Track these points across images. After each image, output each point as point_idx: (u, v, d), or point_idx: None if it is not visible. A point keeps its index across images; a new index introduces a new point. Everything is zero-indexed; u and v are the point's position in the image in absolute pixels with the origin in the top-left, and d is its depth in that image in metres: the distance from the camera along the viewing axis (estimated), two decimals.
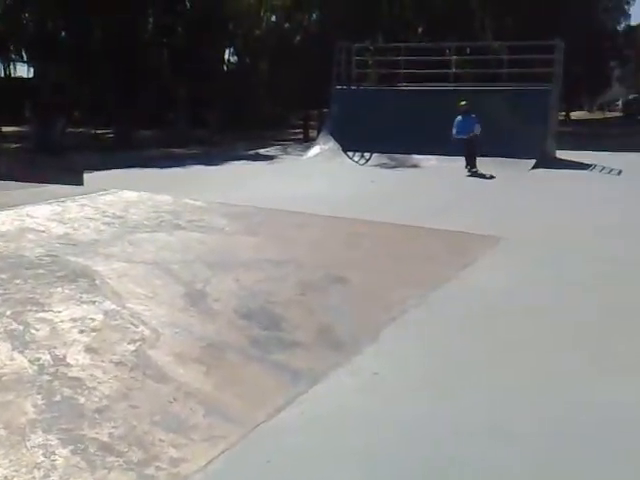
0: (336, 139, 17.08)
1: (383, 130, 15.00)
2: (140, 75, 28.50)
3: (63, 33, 29.84)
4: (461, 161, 13.57)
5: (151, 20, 33.05)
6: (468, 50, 27.45)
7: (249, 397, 2.92)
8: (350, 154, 15.89)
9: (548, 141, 15.15)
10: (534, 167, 13.08)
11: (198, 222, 5.82)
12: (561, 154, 14.88)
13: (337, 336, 3.58)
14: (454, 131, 13.60)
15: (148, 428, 2.59)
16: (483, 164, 12.98)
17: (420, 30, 36.41)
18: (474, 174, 13.05)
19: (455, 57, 19.69)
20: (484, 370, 3.24)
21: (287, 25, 33.16)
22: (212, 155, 19.29)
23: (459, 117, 13.93)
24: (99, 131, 31.98)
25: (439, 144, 14.07)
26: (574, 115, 43.82)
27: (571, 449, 2.58)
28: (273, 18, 32.40)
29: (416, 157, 14.69)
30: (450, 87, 17.22)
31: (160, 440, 2.53)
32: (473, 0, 34.45)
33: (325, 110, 24.64)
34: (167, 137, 28.61)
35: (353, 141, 15.94)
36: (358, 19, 28.84)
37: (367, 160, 15.52)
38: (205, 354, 3.29)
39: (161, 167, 15.33)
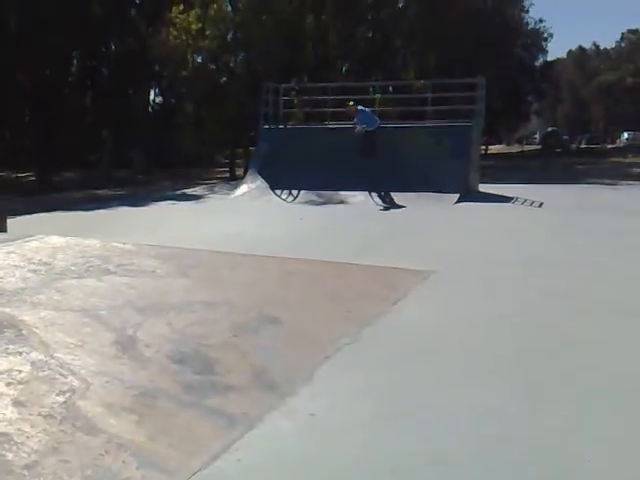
0: (263, 177, 17.19)
1: (310, 167, 15.23)
2: (63, 117, 28.00)
3: None
4: (387, 196, 13.96)
5: (75, 62, 32.71)
6: (391, 88, 28.36)
7: (184, 446, 2.89)
8: (278, 192, 16.01)
9: (471, 175, 15.71)
10: (458, 201, 13.52)
11: (128, 266, 5.75)
12: (483, 187, 15.46)
13: (271, 378, 3.60)
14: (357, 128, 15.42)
15: None
16: (408, 199, 13.33)
17: (344, 69, 37.37)
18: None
19: (379, 95, 20.31)
20: (419, 408, 3.31)
21: (213, 66, 33.42)
22: (138, 196, 19.06)
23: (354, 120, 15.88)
24: (20, 174, 31.08)
25: (364, 180, 14.42)
26: (493, 149, 45.69)
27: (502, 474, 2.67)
28: (199, 59, 32.59)
29: (343, 193, 14.95)
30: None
31: None
32: (396, 39, 35.64)
33: (252, 148, 24.83)
34: (91, 178, 28.09)
35: (280, 179, 16.09)
36: (284, 59, 29.39)
37: (295, 198, 15.67)
38: (137, 403, 3.24)
39: (86, 209, 15.01)
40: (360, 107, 15.85)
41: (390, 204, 13.76)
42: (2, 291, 4.47)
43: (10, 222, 9.30)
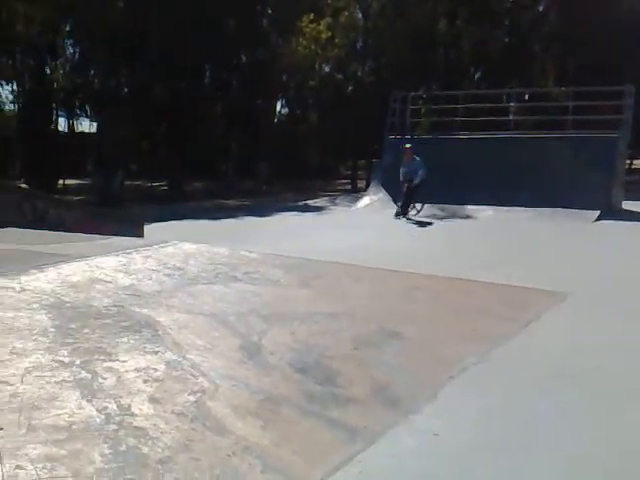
0: (387, 190, 17.25)
1: (435, 180, 15.14)
2: (195, 128, 29.51)
3: (126, 89, 31.31)
4: (518, 212, 13.54)
5: (208, 74, 34.35)
6: (527, 96, 27.47)
7: (306, 454, 2.99)
8: (400, 204, 16.03)
9: (614, 191, 14.88)
10: (599, 218, 12.87)
11: (253, 274, 5.99)
12: (628, 205, 14.59)
13: (394, 393, 3.64)
14: (401, 176, 14.97)
15: None
16: (542, 214, 12.87)
17: (477, 76, 36.66)
18: (402, 217, 13.64)
19: (514, 104, 19.77)
20: (550, 435, 3.23)
21: (340, 76, 33.97)
22: (262, 206, 19.72)
23: (403, 162, 15.29)
24: (154, 183, 33.07)
25: (495, 194, 14.06)
26: (638, 163, 43.09)
27: None
28: (327, 69, 33.25)
29: (470, 207, 14.71)
30: (509, 135, 17.25)
31: None
32: (534, 44, 34.47)
33: (374, 160, 24.95)
34: (218, 188, 29.37)
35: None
36: (413, 67, 29.33)
37: (419, 211, 15.61)
38: (262, 408, 3.39)
39: (214, 218, 15.78)
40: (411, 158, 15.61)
41: (521, 220, 13.35)
42: (141, 293, 4.82)
43: (146, 228, 9.98)
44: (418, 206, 15.66)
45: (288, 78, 35.34)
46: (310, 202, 20.31)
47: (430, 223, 14.12)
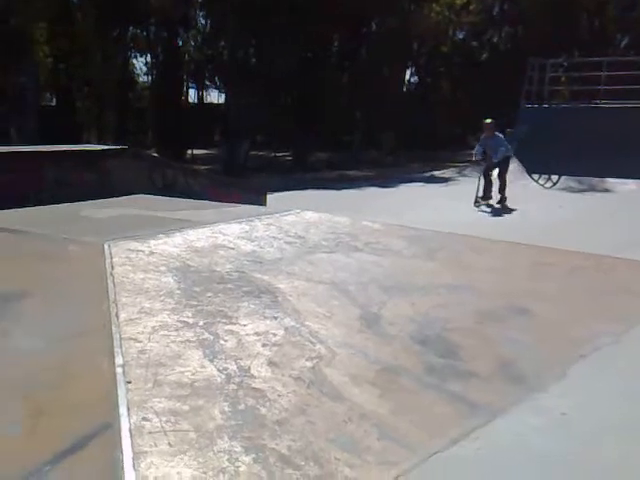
0: (520, 161, 16.64)
1: (574, 151, 14.41)
2: (320, 99, 29.80)
3: (254, 60, 32.09)
4: None
5: (336, 44, 34.50)
6: None
7: (423, 425, 2.98)
8: (535, 177, 15.40)
9: None
10: None
11: (375, 244, 5.99)
12: None
13: (518, 370, 3.54)
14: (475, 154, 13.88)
15: (324, 445, 2.74)
16: None
17: (624, 44, 34.46)
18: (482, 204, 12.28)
19: None
20: None
21: (474, 43, 33.00)
22: (386, 177, 19.64)
23: (481, 138, 14.03)
24: (278, 154, 33.81)
25: (637, 166, 13.22)
26: None
27: None
28: (460, 36, 32.41)
29: (611, 181, 13.93)
30: None
31: (335, 458, 2.67)
32: None
33: (507, 130, 24.11)
34: (341, 159, 29.54)
35: (539, 163, 15.45)
36: (553, 35, 27.96)
37: (554, 183, 14.96)
38: (380, 377, 3.41)
39: (337, 189, 15.91)
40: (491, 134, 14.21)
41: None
42: (262, 260, 4.96)
43: (269, 197, 10.25)
44: (554, 178, 15.00)
45: (419, 46, 34.76)
46: (436, 173, 20.01)
47: (566, 196, 13.49)
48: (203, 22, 38.66)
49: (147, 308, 3.92)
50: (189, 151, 34.43)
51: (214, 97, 42.72)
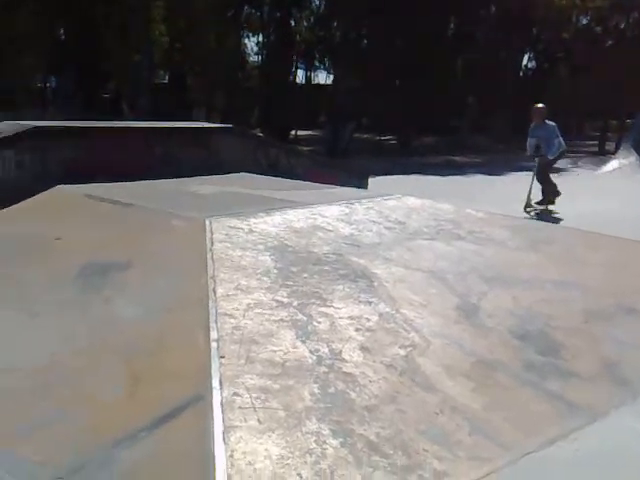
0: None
1: None
2: (431, 83, 29.38)
3: (365, 42, 32.05)
4: None
5: (452, 27, 33.93)
6: None
7: (518, 422, 2.90)
8: None
9: None
10: None
11: (478, 233, 5.85)
12: None
13: (623, 372, 3.37)
14: (528, 148, 10.02)
15: (413, 435, 2.72)
16: None
17: None
18: (535, 210, 8.88)
19: None
20: None
21: (599, 29, 31.54)
22: (494, 164, 19.15)
23: (531, 127, 10.01)
24: (383, 137, 33.64)
25: None
26: None
27: None
28: (584, 21, 31.06)
29: None
30: None
31: (424, 450, 2.64)
32: None
33: (628, 121, 22.94)
34: (448, 144, 29.05)
35: None
36: None
37: None
38: (474, 370, 3.33)
39: (442, 175, 15.67)
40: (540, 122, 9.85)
41: None
42: (359, 243, 4.94)
43: (371, 181, 10.21)
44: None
45: (539, 31, 33.57)
46: None
47: None
48: (317, 3, 38.97)
49: (243, 285, 3.99)
50: (293, 132, 34.84)
51: (322, 78, 43.02)
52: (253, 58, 43.11)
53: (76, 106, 31.23)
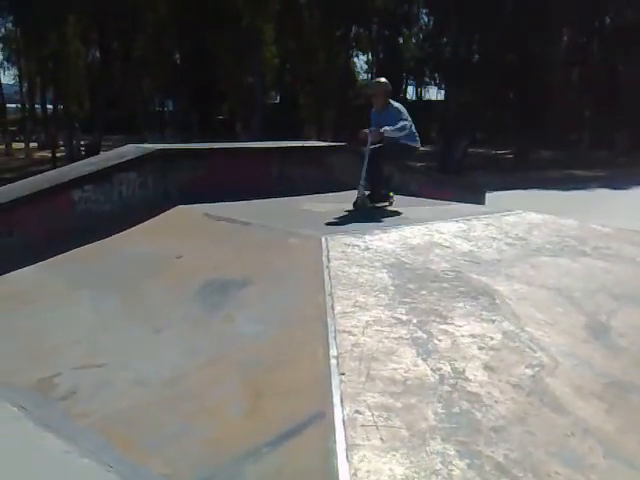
0: None
1: None
2: (546, 95, 28.55)
3: (476, 57, 31.66)
4: None
5: (565, 39, 32.93)
6: None
7: None
8: None
9: None
10: None
11: (604, 249, 5.62)
12: None
13: None
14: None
15: (544, 457, 2.64)
16: None
17: None
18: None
19: None
20: None
21: None
22: (617, 178, 18.33)
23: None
24: (498, 152, 32.95)
25: None
26: None
27: None
28: None
29: None
30: None
31: (556, 472, 2.55)
32: None
33: None
34: (567, 158, 28.06)
35: None
36: None
37: None
38: (607, 391, 3.20)
39: (562, 189, 15.14)
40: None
41: None
42: (479, 260, 4.86)
43: (488, 196, 10.02)
44: None
45: None
46: None
47: None
48: (425, 20, 38.96)
49: (361, 302, 4.02)
50: None
51: (432, 94, 42.75)
52: (362, 76, 43.68)
53: (191, 128, 32.70)
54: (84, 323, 4.39)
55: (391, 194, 6.82)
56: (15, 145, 33.81)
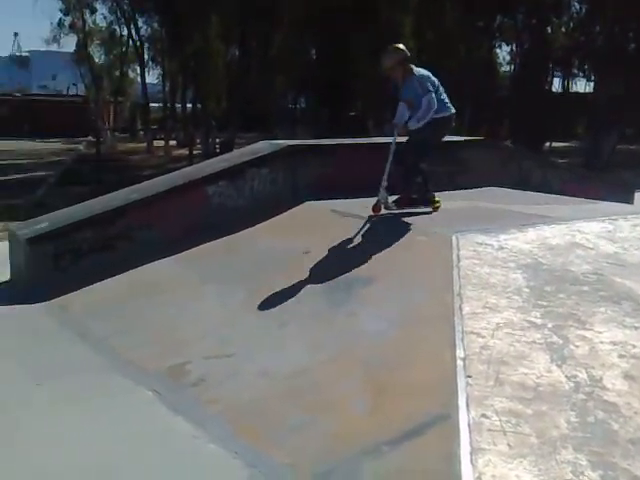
0: None
1: None
2: None
3: (632, 45, 30.02)
4: None
5: None
6: None
7: None
8: None
9: None
10: None
11: None
12: None
13: None
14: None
15: None
16: None
17: None
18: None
19: None
20: None
21: None
22: None
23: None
24: None
25: None
26: None
27: None
28: None
29: None
30: None
31: None
32: None
33: None
34: None
35: None
36: None
37: None
38: None
39: None
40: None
41: None
42: (625, 263, 4.62)
43: (637, 196, 9.51)
44: None
45: None
46: None
47: None
48: (577, 7, 37.24)
49: (492, 304, 3.96)
50: (547, 143, 33.57)
51: (580, 86, 40.91)
52: (504, 68, 42.44)
53: (322, 125, 33.13)
54: (213, 315, 4.62)
55: (437, 199, 6.00)
56: (155, 143, 35.83)
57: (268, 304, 4.59)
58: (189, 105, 40.22)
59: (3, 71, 60.13)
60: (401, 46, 5.89)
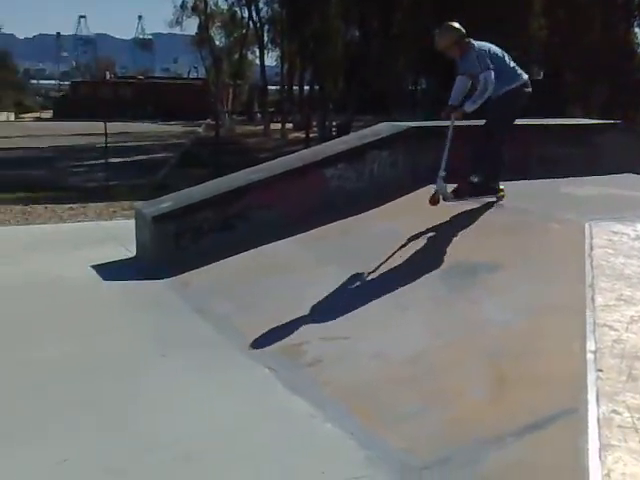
0: None
1: None
2: None
3: None
4: None
5: None
6: None
7: None
8: None
9: None
10: None
11: None
12: None
13: None
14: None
15: None
16: None
17: None
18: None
19: None
20: None
21: None
22: None
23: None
24: None
25: None
26: None
27: None
28: None
29: None
30: None
31: None
32: None
33: None
34: None
35: None
36: None
37: None
38: None
39: None
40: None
41: None
42: None
43: None
44: None
45: None
46: None
47: None
48: None
49: (627, 296, 3.81)
50: None
51: None
52: None
53: (442, 107, 32.50)
54: (330, 297, 4.68)
55: (502, 189, 5.72)
56: (272, 126, 36.55)
57: (386, 288, 4.61)
58: (306, 87, 40.66)
59: (127, 54, 62.87)
60: (456, 25, 5.70)
